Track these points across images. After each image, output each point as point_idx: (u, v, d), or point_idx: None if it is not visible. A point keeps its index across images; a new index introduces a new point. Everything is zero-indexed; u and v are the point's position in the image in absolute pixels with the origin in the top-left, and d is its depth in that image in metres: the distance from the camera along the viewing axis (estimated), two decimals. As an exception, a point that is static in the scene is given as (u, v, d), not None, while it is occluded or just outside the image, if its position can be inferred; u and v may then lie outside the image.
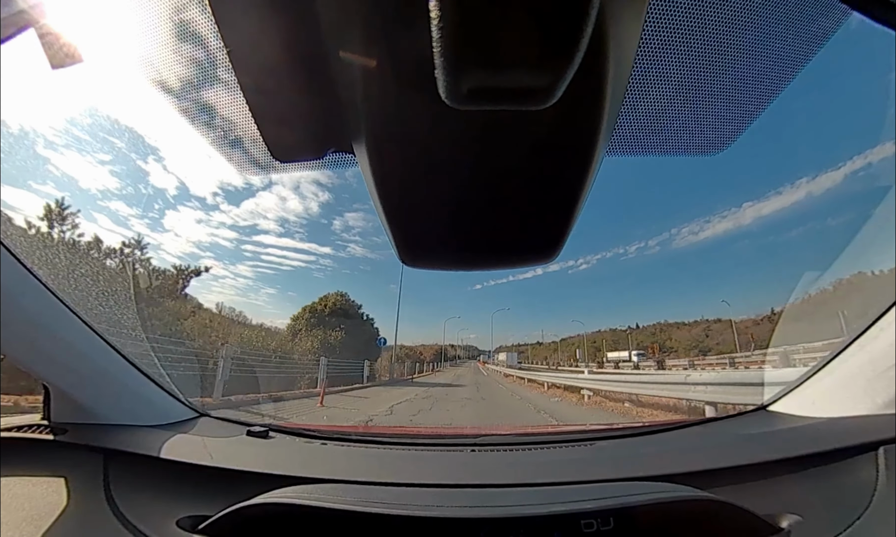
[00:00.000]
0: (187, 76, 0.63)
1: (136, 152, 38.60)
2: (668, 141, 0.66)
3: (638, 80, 0.56)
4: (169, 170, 41.76)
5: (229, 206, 52.45)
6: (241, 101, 0.48)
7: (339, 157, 0.56)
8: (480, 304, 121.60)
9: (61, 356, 1.06)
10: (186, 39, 0.60)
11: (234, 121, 0.62)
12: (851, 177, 53.05)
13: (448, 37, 0.26)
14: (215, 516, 0.88)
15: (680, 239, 75.94)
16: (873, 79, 54.52)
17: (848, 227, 55.67)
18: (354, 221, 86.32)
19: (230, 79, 0.50)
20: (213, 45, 0.57)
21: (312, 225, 76.54)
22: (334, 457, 1.21)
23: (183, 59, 0.62)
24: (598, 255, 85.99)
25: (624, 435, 1.35)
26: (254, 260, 52.77)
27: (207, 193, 36.89)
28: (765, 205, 63.54)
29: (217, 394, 10.15)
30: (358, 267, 78.90)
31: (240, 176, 23.92)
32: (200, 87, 0.63)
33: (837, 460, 0.94)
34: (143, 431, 1.19)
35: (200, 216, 39.46)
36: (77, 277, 8.87)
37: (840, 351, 1.11)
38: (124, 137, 34.69)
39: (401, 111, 0.39)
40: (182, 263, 16.63)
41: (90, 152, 18.75)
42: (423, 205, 0.49)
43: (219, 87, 0.61)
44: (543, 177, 0.47)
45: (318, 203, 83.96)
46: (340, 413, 9.05)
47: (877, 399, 1.00)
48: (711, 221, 74.03)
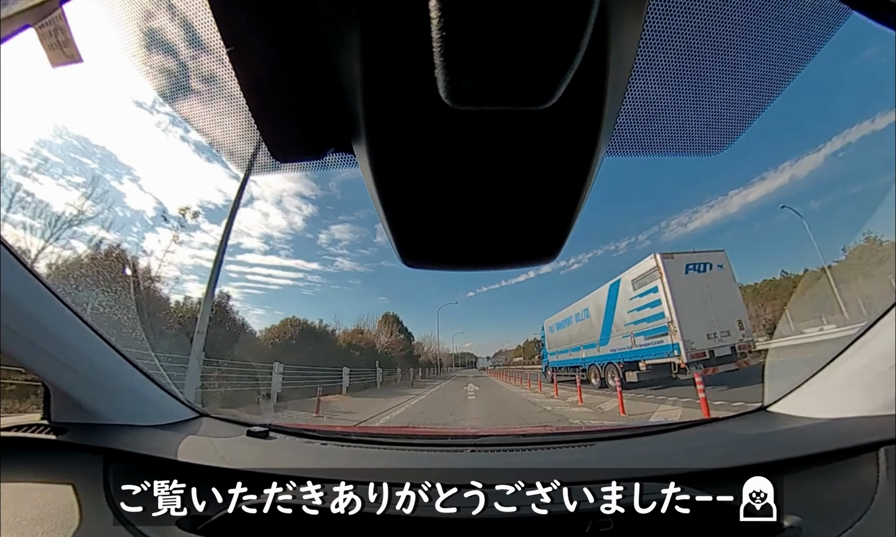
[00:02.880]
0: (187, 77, 0.63)
1: (110, 172, 37.74)
2: (668, 141, 0.66)
3: (638, 80, 0.56)
4: (145, 190, 40.59)
5: (210, 226, 51.89)
6: (241, 102, 0.48)
7: (339, 157, 0.56)
8: (473, 312, 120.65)
9: (61, 356, 1.06)
10: (186, 40, 0.60)
11: (234, 121, 0.62)
12: (850, 174, 52.92)
13: (448, 37, 0.26)
14: (215, 516, 0.88)
15: (669, 231, 75.38)
16: (872, 78, 54.66)
17: (847, 223, 55.49)
18: (341, 234, 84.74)
19: (230, 79, 0.50)
20: (213, 45, 0.57)
21: (298, 240, 75.60)
22: (334, 457, 1.21)
23: (182, 60, 0.62)
24: (590, 254, 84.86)
25: (624, 436, 1.35)
26: (240, 280, 52.21)
27: (186, 213, 37.57)
28: (750, 192, 63.46)
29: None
30: (347, 281, 77.96)
31: (218, 193, 23.71)
32: (200, 87, 0.63)
33: (838, 460, 0.94)
34: (143, 431, 1.19)
35: (182, 238, 39.17)
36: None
37: (840, 351, 1.11)
38: (97, 156, 33.91)
39: (401, 111, 0.39)
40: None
41: (59, 172, 17.90)
42: (423, 205, 0.49)
43: (218, 88, 0.61)
44: (543, 177, 0.47)
45: (303, 217, 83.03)
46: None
47: (877, 399, 1.00)
48: (699, 211, 73.59)
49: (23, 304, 0.93)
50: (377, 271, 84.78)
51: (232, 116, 0.62)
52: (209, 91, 0.62)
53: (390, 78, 0.37)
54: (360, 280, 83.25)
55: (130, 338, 8.32)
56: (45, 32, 0.71)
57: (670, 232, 66.59)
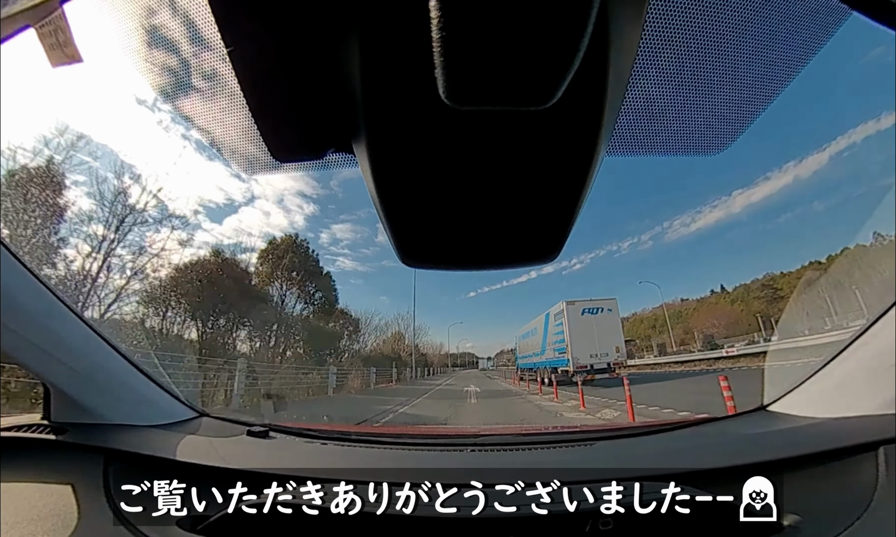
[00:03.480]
0: (187, 77, 0.63)
1: (112, 170, 36.92)
2: (668, 141, 0.66)
3: (638, 80, 0.56)
4: (147, 189, 39.32)
5: (211, 224, 51.38)
6: (241, 101, 0.48)
7: (339, 157, 0.56)
8: (474, 311, 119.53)
9: (61, 356, 1.06)
10: (186, 40, 0.60)
11: (234, 121, 0.62)
12: (849, 172, 52.60)
13: (448, 37, 0.26)
14: (215, 516, 0.88)
15: (672, 231, 74.74)
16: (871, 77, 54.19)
17: (846, 221, 55.40)
18: (342, 233, 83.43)
19: (230, 78, 0.50)
20: (213, 45, 0.57)
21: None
22: (334, 457, 1.21)
23: (183, 60, 0.62)
24: (592, 254, 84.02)
25: (624, 436, 1.35)
26: None
27: (188, 211, 36.76)
28: (754, 191, 62.63)
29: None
30: (349, 281, 76.91)
31: (220, 192, 23.70)
32: (200, 87, 0.63)
33: (837, 460, 0.94)
34: (143, 431, 1.19)
35: (182, 237, 37.87)
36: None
37: (840, 351, 1.11)
38: (97, 156, 33.31)
39: (401, 111, 0.39)
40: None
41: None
42: (423, 205, 0.49)
43: (219, 87, 0.61)
44: (544, 177, 0.47)
45: (304, 216, 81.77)
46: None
47: (877, 399, 1.00)
48: (703, 212, 72.91)
49: (23, 304, 0.93)
50: (379, 271, 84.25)
51: (232, 117, 0.62)
52: (210, 91, 0.62)
53: (390, 78, 0.37)
54: (361, 280, 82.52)
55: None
56: (45, 32, 0.71)
57: (673, 232, 66.08)
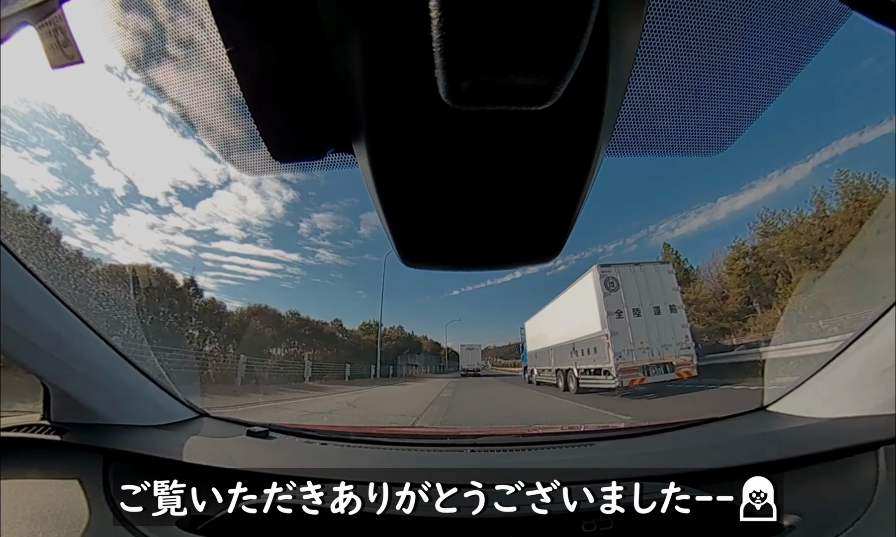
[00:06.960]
0: (187, 77, 0.63)
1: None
2: (668, 141, 0.66)
3: (638, 80, 0.56)
4: (115, 167, 39.59)
5: (184, 208, 50.92)
6: (241, 101, 0.48)
7: (339, 157, 0.56)
8: (461, 309, 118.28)
9: (61, 356, 1.06)
10: (186, 40, 0.60)
11: (234, 121, 0.62)
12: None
13: (448, 36, 0.26)
14: (215, 516, 0.88)
15: (657, 236, 73.98)
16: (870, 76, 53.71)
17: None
18: (323, 223, 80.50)
19: (230, 78, 0.50)
20: (214, 45, 0.57)
21: (277, 228, 71.48)
22: (334, 457, 1.21)
23: (183, 60, 0.62)
24: (577, 256, 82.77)
25: (624, 436, 1.35)
26: (216, 270, 50.64)
27: (159, 193, 36.53)
28: (739, 199, 61.65)
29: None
30: (329, 274, 74.43)
31: (193, 172, 23.93)
32: (200, 87, 0.63)
33: (837, 460, 0.94)
34: (143, 431, 1.19)
35: (153, 220, 38.35)
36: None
37: (840, 351, 1.11)
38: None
39: (401, 111, 0.39)
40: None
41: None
42: (423, 205, 0.49)
43: (219, 87, 0.61)
44: (544, 177, 0.47)
45: (283, 203, 78.84)
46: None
47: (877, 399, 1.00)
48: (688, 217, 72.33)
49: (23, 304, 0.93)
50: (360, 265, 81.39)
51: (232, 116, 0.62)
52: (210, 91, 0.62)
53: (390, 78, 0.37)
54: (342, 274, 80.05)
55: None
56: (45, 32, 0.71)
57: (658, 236, 65.05)
